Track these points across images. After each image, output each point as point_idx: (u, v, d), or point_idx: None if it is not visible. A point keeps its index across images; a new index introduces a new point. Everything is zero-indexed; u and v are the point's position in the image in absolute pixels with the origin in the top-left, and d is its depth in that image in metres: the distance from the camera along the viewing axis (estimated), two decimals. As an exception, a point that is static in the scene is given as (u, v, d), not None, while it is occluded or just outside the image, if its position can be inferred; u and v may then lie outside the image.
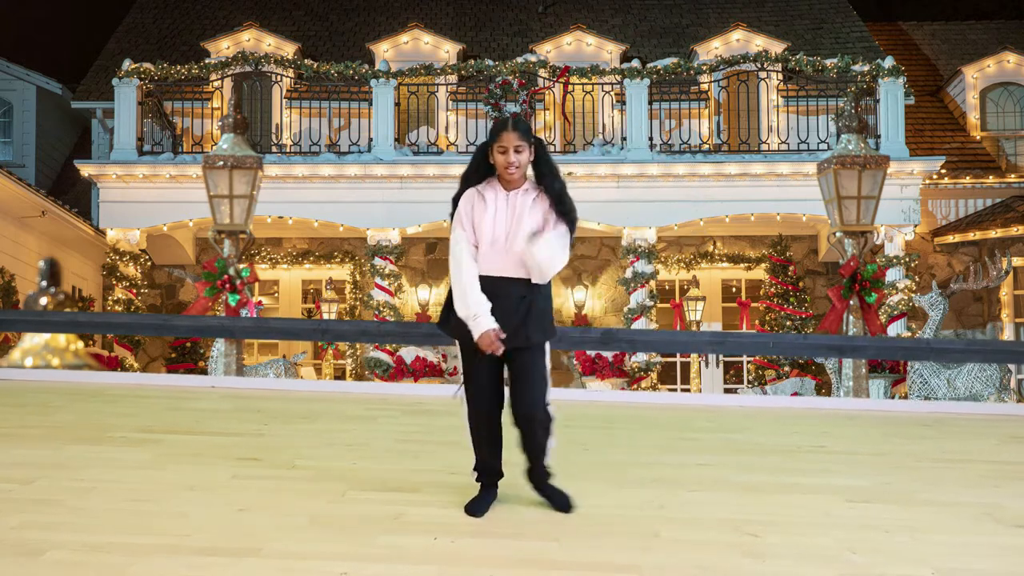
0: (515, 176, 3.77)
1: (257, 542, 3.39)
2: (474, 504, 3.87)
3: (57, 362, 8.26)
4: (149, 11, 20.21)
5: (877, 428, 6.34)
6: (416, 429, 5.83)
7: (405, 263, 16.55)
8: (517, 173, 3.76)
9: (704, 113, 16.61)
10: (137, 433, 5.29)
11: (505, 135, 3.73)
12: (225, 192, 10.42)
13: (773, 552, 3.50)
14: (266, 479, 4.30)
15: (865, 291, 9.88)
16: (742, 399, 8.49)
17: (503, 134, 3.73)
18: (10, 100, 18.38)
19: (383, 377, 13.94)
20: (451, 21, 19.64)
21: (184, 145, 15.84)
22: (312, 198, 15.08)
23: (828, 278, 16.81)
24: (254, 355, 16.59)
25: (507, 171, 3.74)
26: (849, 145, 10.34)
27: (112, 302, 14.68)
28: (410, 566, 3.22)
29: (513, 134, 3.72)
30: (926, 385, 10.80)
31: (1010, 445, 5.86)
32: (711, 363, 16.52)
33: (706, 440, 5.67)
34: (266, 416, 6.07)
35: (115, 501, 3.88)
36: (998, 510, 4.14)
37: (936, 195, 17.31)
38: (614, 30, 19.07)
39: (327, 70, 14.92)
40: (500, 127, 3.76)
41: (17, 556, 3.18)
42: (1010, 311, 16.43)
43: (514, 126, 3.74)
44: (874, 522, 3.90)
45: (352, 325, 11.77)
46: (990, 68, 18.49)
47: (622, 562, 3.34)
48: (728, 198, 15.04)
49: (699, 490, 4.31)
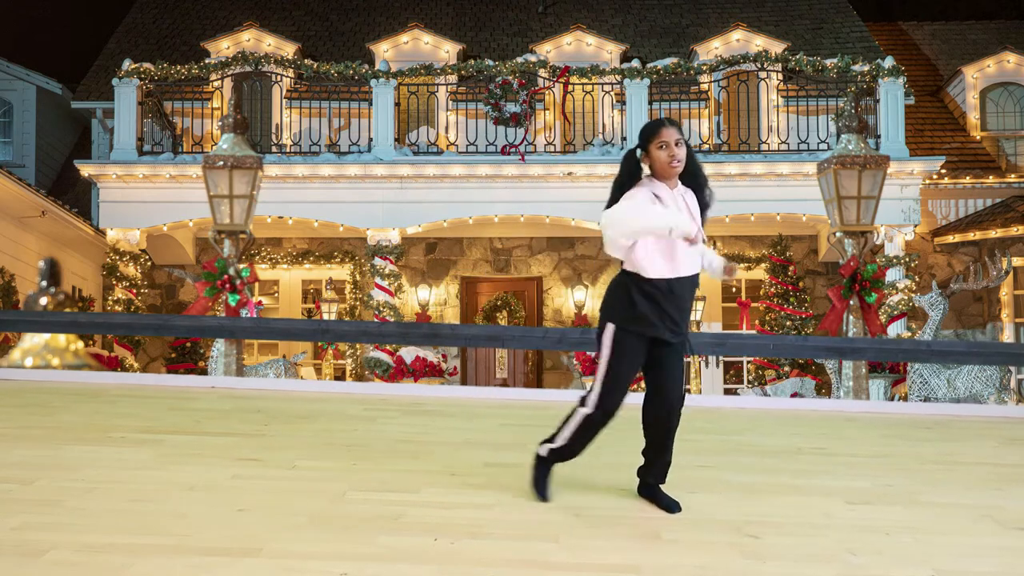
0: (678, 170, 3.78)
1: (257, 542, 3.39)
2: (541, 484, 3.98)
3: (57, 362, 8.27)
4: (149, 11, 20.21)
5: (877, 430, 6.34)
6: (416, 429, 5.83)
7: (405, 263, 16.55)
8: (680, 167, 3.78)
9: (704, 113, 16.61)
10: (137, 433, 5.29)
11: (665, 131, 3.76)
12: (225, 192, 10.42)
13: (773, 553, 3.49)
14: (266, 479, 4.30)
15: (865, 291, 9.88)
16: (742, 400, 8.48)
17: (663, 130, 3.77)
18: (10, 100, 18.38)
19: (383, 377, 13.93)
20: (451, 21, 19.64)
21: (184, 145, 15.84)
22: (312, 198, 15.08)
23: (828, 278, 16.82)
24: (254, 355, 16.59)
25: (671, 165, 3.76)
26: (849, 145, 10.34)
27: (112, 302, 14.68)
28: (410, 566, 3.22)
29: (672, 129, 3.77)
30: (926, 385, 10.80)
31: (1011, 447, 5.86)
32: (711, 363, 16.52)
33: (706, 441, 5.67)
34: (266, 416, 6.07)
35: (115, 501, 3.88)
36: (999, 512, 4.14)
37: (936, 195, 17.31)
38: (614, 30, 19.08)
39: (327, 70, 14.92)
40: (657, 125, 3.80)
41: (17, 556, 3.17)
42: (1010, 311, 16.43)
43: (671, 123, 3.79)
44: (874, 523, 3.89)
45: (352, 325, 11.76)
46: (990, 68, 18.49)
47: (622, 563, 3.34)
48: (728, 198, 15.02)
49: (699, 491, 4.31)
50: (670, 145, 3.75)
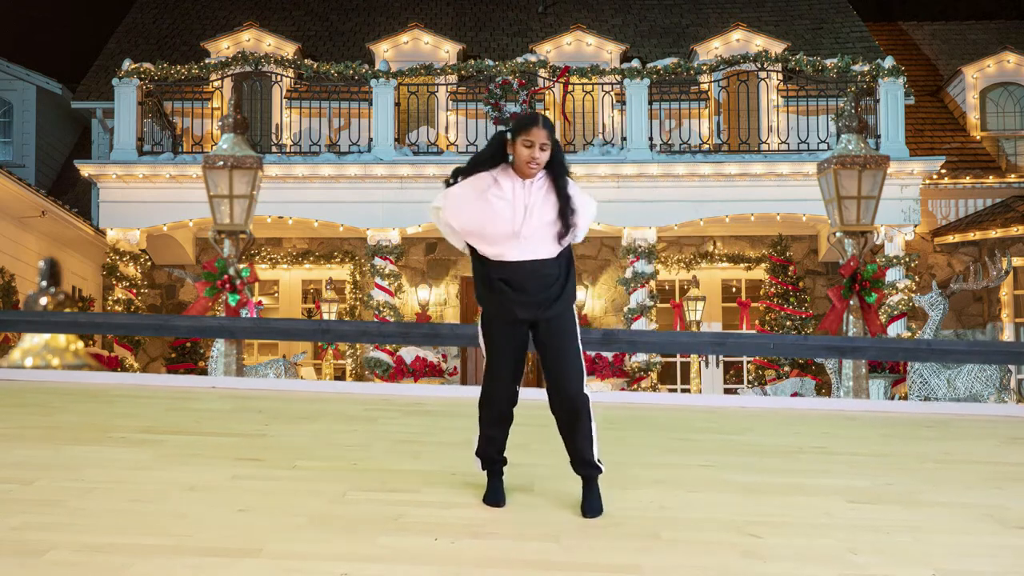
0: (534, 172, 3.78)
1: (257, 542, 3.39)
2: (492, 495, 3.91)
3: (57, 362, 8.26)
4: (149, 11, 20.21)
5: (878, 429, 6.34)
6: (416, 429, 5.83)
7: (405, 263, 16.55)
8: (537, 170, 3.77)
9: (704, 113, 16.61)
10: (137, 433, 5.28)
11: (535, 130, 3.72)
12: (225, 192, 10.41)
13: (774, 553, 3.49)
14: (266, 479, 4.30)
15: (865, 291, 9.88)
16: (742, 400, 8.49)
17: (533, 129, 3.73)
18: (10, 100, 18.38)
19: (383, 377, 13.93)
20: (451, 21, 19.64)
21: (184, 145, 15.84)
22: (312, 198, 15.07)
23: (828, 278, 16.81)
24: (254, 355, 16.59)
25: (529, 165, 3.75)
26: (849, 145, 10.33)
27: (112, 302, 14.68)
28: (410, 566, 3.22)
29: (543, 131, 3.72)
30: (926, 385, 10.80)
31: (1011, 446, 5.86)
32: (711, 363, 16.52)
33: (707, 441, 5.67)
34: (266, 416, 6.07)
35: (115, 501, 3.88)
36: (1000, 511, 4.14)
37: (936, 195, 17.31)
38: (614, 30, 19.07)
39: (327, 70, 14.92)
40: (530, 121, 3.75)
41: (17, 556, 3.17)
42: (1010, 311, 16.43)
43: (544, 123, 3.74)
44: (875, 523, 3.89)
45: (352, 325, 11.76)
46: (990, 68, 18.49)
47: (623, 563, 3.34)
48: (728, 198, 15.04)
49: (700, 491, 4.31)
50: (534, 146, 3.72)
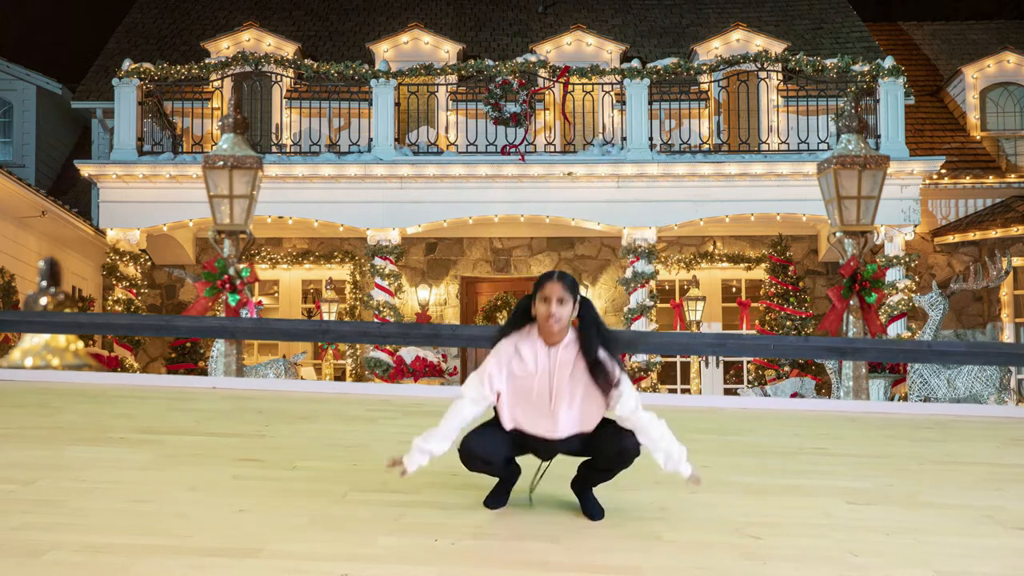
0: (555, 329, 3.59)
1: (257, 543, 3.39)
2: (494, 498, 3.90)
3: (57, 362, 8.26)
4: (149, 11, 20.21)
5: (878, 430, 6.34)
6: (417, 430, 5.79)
7: (405, 263, 16.55)
8: (558, 326, 3.58)
9: (704, 113, 16.61)
10: (137, 434, 5.28)
11: (549, 285, 3.57)
12: (225, 192, 10.41)
13: (774, 554, 3.49)
14: (267, 480, 4.30)
15: (865, 291, 9.87)
16: (743, 400, 8.48)
17: (547, 284, 3.58)
18: (10, 100, 18.37)
19: (383, 377, 13.93)
20: (451, 21, 19.64)
21: (184, 145, 15.84)
22: (312, 198, 15.08)
23: (828, 278, 16.82)
24: (254, 355, 16.59)
25: (547, 322, 3.57)
26: (849, 145, 10.33)
27: (112, 302, 14.68)
28: (411, 567, 3.22)
29: (558, 284, 3.57)
30: (926, 385, 10.80)
31: (1012, 448, 5.86)
32: (711, 363, 16.52)
33: (707, 441, 5.67)
34: (266, 417, 6.07)
35: (116, 502, 3.88)
36: (1000, 512, 4.14)
37: (936, 195, 17.31)
38: (614, 30, 19.07)
39: (327, 70, 14.92)
40: (544, 277, 3.61)
41: (17, 556, 3.17)
42: (1010, 311, 16.43)
43: (560, 277, 3.60)
44: (875, 524, 3.89)
45: (353, 326, 11.76)
46: (990, 68, 18.49)
47: (623, 564, 3.34)
48: (728, 198, 15.04)
49: (699, 491, 4.30)
50: (550, 301, 3.56)
